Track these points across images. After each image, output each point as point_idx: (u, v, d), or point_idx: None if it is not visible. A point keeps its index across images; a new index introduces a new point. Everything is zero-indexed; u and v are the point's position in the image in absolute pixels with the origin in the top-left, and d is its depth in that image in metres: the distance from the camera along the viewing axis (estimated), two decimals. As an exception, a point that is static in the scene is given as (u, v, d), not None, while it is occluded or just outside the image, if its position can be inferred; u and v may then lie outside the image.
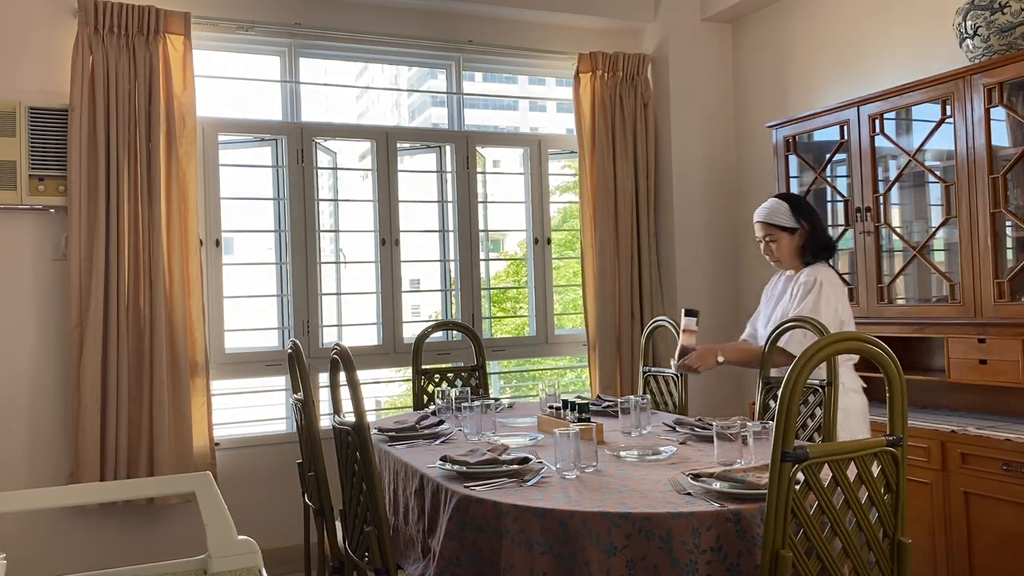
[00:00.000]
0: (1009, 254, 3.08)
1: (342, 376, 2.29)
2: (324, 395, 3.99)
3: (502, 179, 5.16)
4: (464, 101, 4.59)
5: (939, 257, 3.42)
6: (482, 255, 4.54)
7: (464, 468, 2.19)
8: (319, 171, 4.21)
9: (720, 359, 3.04)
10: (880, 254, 3.52)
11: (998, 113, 3.05)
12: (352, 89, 5.22)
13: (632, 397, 2.80)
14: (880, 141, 3.51)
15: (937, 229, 3.33)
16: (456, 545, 2.02)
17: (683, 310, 3.09)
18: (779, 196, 3.20)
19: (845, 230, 3.68)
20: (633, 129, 4.61)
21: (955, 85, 3.14)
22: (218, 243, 3.96)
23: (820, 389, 2.76)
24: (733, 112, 4.83)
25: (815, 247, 3.05)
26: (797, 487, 1.68)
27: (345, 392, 2.29)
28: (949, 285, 3.22)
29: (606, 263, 4.51)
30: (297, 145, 4.12)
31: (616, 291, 4.51)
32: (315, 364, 4.01)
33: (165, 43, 3.69)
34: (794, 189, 3.95)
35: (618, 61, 4.58)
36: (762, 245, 3.15)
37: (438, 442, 2.78)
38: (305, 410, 2.94)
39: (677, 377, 3.44)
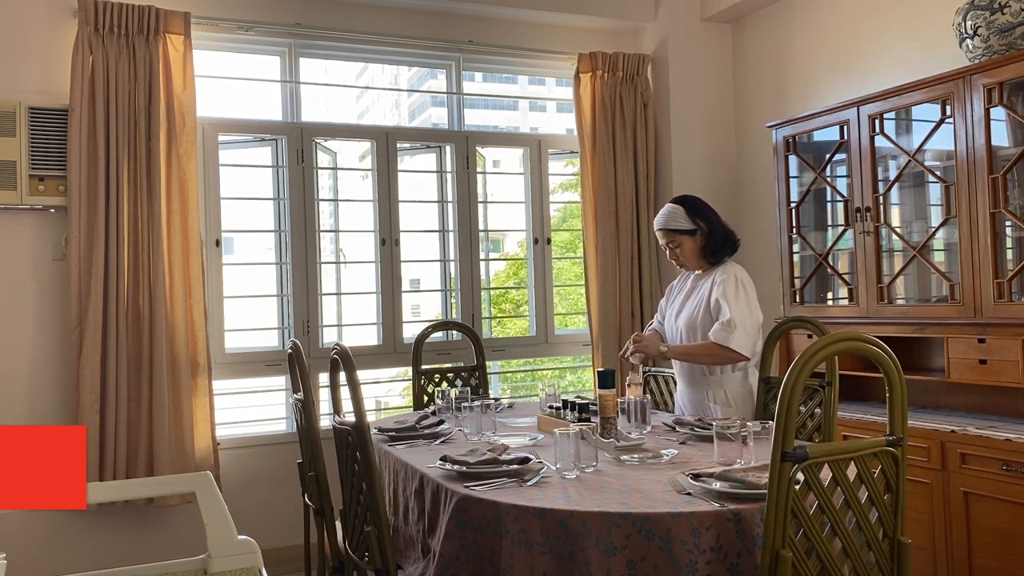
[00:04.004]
0: (1009, 254, 3.08)
1: (342, 376, 2.29)
2: (324, 395, 4.00)
3: (502, 179, 5.16)
4: (464, 101, 4.59)
5: (939, 257, 3.42)
6: (482, 255, 4.54)
7: (464, 468, 2.19)
8: (319, 171, 4.21)
9: (663, 348, 3.13)
10: (880, 254, 3.52)
11: (998, 113, 3.05)
12: (352, 89, 5.22)
13: (632, 397, 2.79)
14: (880, 141, 3.51)
15: (937, 229, 3.33)
16: (456, 545, 2.02)
17: (598, 373, 2.73)
18: (674, 200, 3.25)
19: (845, 230, 3.68)
20: (633, 129, 4.61)
21: (955, 85, 3.14)
22: (218, 243, 3.96)
23: (820, 389, 2.76)
24: (733, 112, 4.83)
25: (716, 245, 3.14)
26: (797, 487, 1.68)
27: (345, 392, 2.29)
28: (949, 285, 3.22)
29: (607, 263, 4.51)
30: (297, 145, 4.12)
31: (617, 291, 4.51)
32: (315, 364, 4.01)
33: (165, 43, 3.69)
34: (794, 189, 3.95)
35: (618, 61, 4.58)
36: (667, 252, 3.23)
37: (438, 442, 2.78)
38: (305, 410, 2.94)
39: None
